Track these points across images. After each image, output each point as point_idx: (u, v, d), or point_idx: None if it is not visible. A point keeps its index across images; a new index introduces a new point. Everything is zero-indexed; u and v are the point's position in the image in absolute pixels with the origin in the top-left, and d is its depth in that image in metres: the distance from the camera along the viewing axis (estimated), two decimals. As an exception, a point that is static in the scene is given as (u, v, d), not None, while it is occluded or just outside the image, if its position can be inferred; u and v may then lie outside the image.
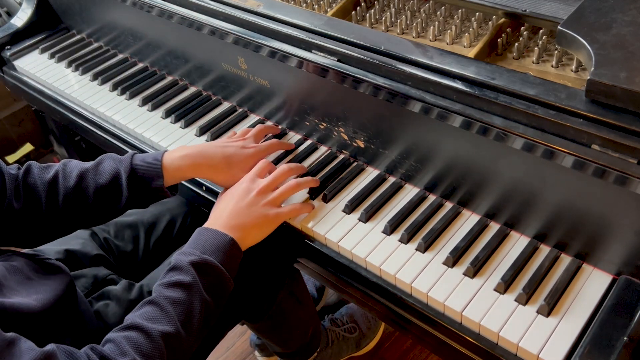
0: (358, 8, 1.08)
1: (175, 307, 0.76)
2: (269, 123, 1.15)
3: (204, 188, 1.09)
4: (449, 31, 0.95)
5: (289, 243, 0.97)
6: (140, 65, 1.40)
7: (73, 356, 0.68)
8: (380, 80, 0.87)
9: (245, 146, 0.99)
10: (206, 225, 0.89)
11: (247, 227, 0.87)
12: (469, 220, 0.90)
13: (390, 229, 0.90)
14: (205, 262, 0.81)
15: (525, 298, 0.77)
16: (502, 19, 0.94)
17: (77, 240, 1.07)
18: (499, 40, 0.92)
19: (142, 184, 0.91)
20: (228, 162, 0.95)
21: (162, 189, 0.92)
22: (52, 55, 1.49)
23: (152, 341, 0.72)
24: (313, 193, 0.99)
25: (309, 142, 1.09)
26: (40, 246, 1.04)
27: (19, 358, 0.62)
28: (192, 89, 1.29)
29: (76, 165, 0.91)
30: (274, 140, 1.06)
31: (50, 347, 0.66)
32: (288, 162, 1.06)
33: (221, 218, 0.88)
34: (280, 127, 1.13)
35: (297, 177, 0.98)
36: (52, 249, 1.03)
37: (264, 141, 1.06)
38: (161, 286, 0.79)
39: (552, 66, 0.87)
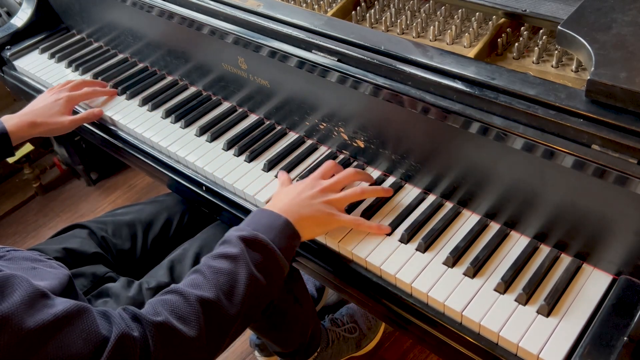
0: (358, 8, 1.08)
1: (218, 276, 0.76)
2: (268, 122, 1.15)
3: (204, 188, 1.09)
4: (449, 31, 0.95)
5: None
6: (140, 65, 1.40)
7: (105, 314, 0.69)
8: (380, 80, 0.87)
9: (58, 98, 1.22)
10: (264, 207, 0.89)
11: (303, 217, 0.86)
12: (469, 220, 0.90)
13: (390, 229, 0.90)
14: (255, 237, 0.79)
15: (525, 298, 0.77)
16: (502, 19, 0.94)
17: (75, 239, 1.08)
18: (499, 40, 0.92)
19: None
20: (50, 116, 1.20)
21: (7, 154, 1.17)
22: (52, 55, 1.49)
23: (189, 305, 0.72)
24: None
25: (309, 142, 1.09)
26: (38, 245, 1.05)
27: (52, 307, 0.63)
28: (192, 89, 1.29)
29: None
30: (89, 89, 1.28)
31: (83, 303, 0.67)
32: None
33: (280, 203, 0.88)
34: (279, 127, 1.13)
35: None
36: (51, 247, 1.03)
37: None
38: (208, 257, 0.79)
39: (552, 66, 0.87)
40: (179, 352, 0.70)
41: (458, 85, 0.80)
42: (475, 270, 0.81)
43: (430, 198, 0.94)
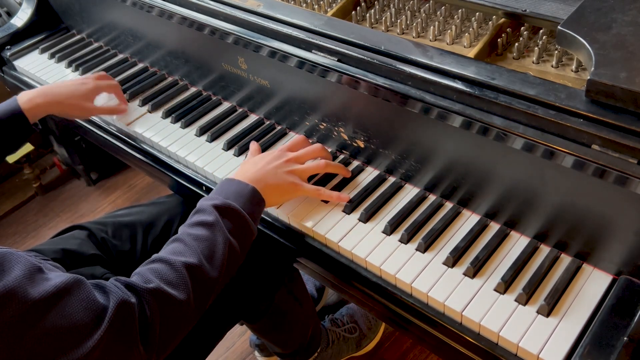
0: (358, 8, 1.08)
1: (198, 242, 0.79)
2: (268, 122, 1.15)
3: (204, 188, 1.09)
4: (449, 31, 0.95)
5: (288, 242, 0.97)
6: (140, 65, 1.40)
7: (99, 285, 0.71)
8: (380, 80, 0.87)
9: (84, 82, 1.22)
10: (230, 176, 0.93)
11: (269, 186, 0.91)
12: (469, 220, 0.90)
13: (390, 229, 0.90)
14: (227, 205, 0.84)
15: (525, 298, 0.77)
16: (502, 19, 0.94)
17: (74, 240, 1.08)
18: (499, 40, 0.92)
19: (9, 131, 1.11)
20: (72, 97, 1.18)
21: (29, 131, 1.14)
22: (52, 55, 1.49)
23: (176, 270, 0.76)
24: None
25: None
26: (37, 245, 1.05)
27: (51, 280, 0.65)
28: (192, 89, 1.29)
29: None
30: (113, 82, 1.26)
31: (77, 275, 0.69)
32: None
33: (246, 173, 0.93)
34: (279, 127, 1.14)
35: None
36: (49, 248, 1.03)
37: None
38: (185, 226, 0.83)
39: (552, 66, 0.87)
40: (173, 315, 0.74)
41: (458, 85, 0.80)
42: (475, 270, 0.81)
43: (431, 198, 0.94)
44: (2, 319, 0.59)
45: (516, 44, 0.90)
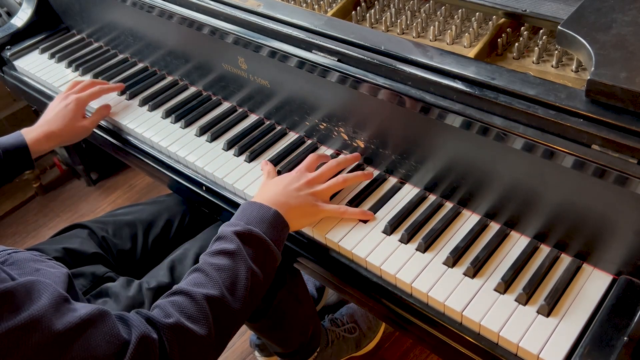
0: (358, 8, 1.08)
1: (220, 273, 0.77)
2: (268, 122, 1.15)
3: (204, 188, 1.09)
4: (449, 31, 0.95)
5: (289, 242, 0.97)
6: (140, 65, 1.40)
7: (122, 317, 0.70)
8: (380, 80, 0.87)
9: (67, 103, 1.19)
10: (252, 199, 0.90)
11: (292, 208, 0.88)
12: (469, 220, 0.90)
13: (391, 229, 0.90)
14: (250, 232, 0.81)
15: (526, 298, 0.77)
16: (502, 19, 0.94)
17: (76, 239, 1.08)
18: (499, 40, 0.92)
19: (13, 165, 1.12)
20: (65, 124, 1.16)
21: (29, 165, 1.15)
22: (52, 55, 1.49)
23: (196, 304, 0.73)
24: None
25: (309, 142, 1.09)
26: (39, 244, 1.05)
27: (76, 311, 0.64)
28: (192, 89, 1.29)
29: None
30: (96, 87, 1.24)
31: (103, 307, 0.69)
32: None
33: (267, 195, 0.90)
34: (279, 127, 1.14)
35: (347, 172, 1.00)
36: (50, 247, 1.03)
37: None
38: (206, 255, 0.80)
39: (552, 66, 0.87)
40: (192, 350, 0.72)
41: (458, 85, 0.80)
42: (475, 270, 0.81)
43: (431, 198, 0.94)
44: (27, 348, 0.58)
45: (516, 44, 0.91)
